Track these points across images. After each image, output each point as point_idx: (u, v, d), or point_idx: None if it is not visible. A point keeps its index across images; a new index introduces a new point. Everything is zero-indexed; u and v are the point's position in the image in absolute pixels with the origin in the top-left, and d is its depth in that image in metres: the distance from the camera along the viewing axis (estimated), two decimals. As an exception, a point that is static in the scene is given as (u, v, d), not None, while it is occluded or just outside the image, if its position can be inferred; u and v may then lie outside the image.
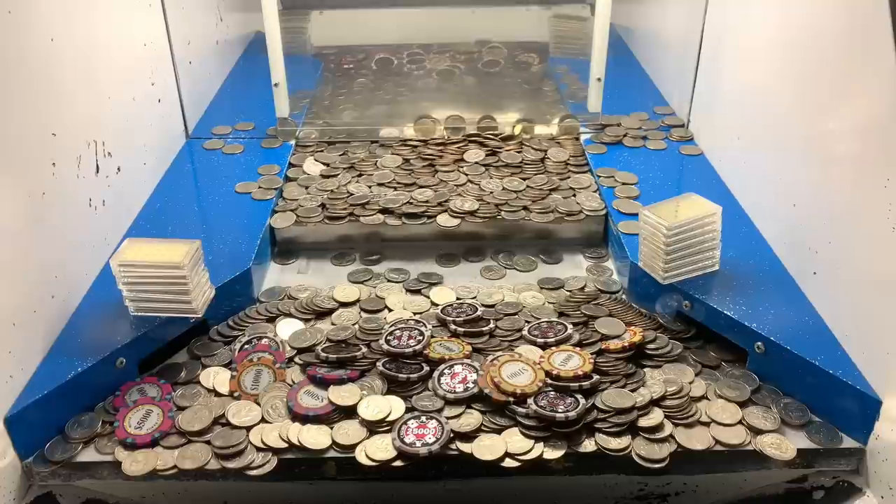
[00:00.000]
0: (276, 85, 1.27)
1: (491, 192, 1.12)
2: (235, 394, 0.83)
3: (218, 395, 0.83)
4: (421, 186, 1.14)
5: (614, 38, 1.41)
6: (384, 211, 1.09)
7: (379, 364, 0.84)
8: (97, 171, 0.97)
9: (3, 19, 0.78)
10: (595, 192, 1.13)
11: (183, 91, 1.28)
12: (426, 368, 0.83)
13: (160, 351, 0.88)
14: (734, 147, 1.13)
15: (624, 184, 1.13)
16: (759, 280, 0.91)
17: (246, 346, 0.89)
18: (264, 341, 0.89)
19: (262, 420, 0.79)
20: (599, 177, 1.16)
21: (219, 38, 1.53)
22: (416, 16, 1.68)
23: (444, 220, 1.07)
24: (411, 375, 0.82)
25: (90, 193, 0.95)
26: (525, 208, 1.09)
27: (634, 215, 1.03)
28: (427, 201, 1.10)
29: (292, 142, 1.29)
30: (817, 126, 0.89)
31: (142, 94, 1.14)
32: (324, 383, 0.82)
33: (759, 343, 0.83)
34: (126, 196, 1.05)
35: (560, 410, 0.77)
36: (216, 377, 0.85)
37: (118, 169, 1.02)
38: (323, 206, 1.10)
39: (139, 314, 0.86)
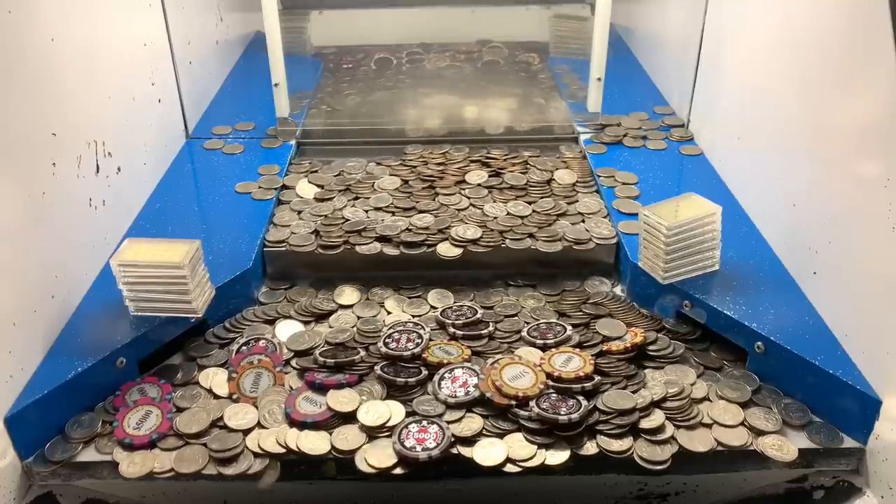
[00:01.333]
0: (276, 85, 1.27)
1: (495, 218, 1.05)
2: (234, 396, 0.83)
3: (216, 396, 0.83)
4: (420, 211, 1.07)
5: (614, 38, 1.41)
6: (381, 239, 1.02)
7: (377, 368, 0.83)
8: (97, 171, 0.97)
9: (3, 19, 0.78)
10: (605, 217, 1.06)
11: (183, 91, 1.28)
12: (425, 372, 0.83)
13: (160, 351, 0.88)
14: (734, 147, 1.13)
15: (624, 184, 1.13)
16: (759, 280, 0.91)
17: (243, 348, 0.88)
18: (262, 343, 0.89)
19: (259, 425, 0.78)
20: (600, 176, 1.15)
21: (219, 38, 1.53)
22: (416, 16, 1.68)
23: (445, 250, 1.00)
24: (409, 379, 0.82)
25: (90, 193, 0.95)
26: (531, 236, 1.02)
27: (634, 215, 1.03)
28: (427, 228, 1.03)
29: (292, 142, 1.29)
30: (817, 126, 0.89)
31: (142, 94, 1.14)
32: (322, 389, 0.82)
33: (759, 343, 0.83)
34: (126, 196, 1.05)
35: (563, 412, 0.76)
36: (214, 379, 0.85)
37: (118, 169, 1.02)
38: (316, 232, 1.03)
39: (139, 314, 0.86)
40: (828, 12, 0.87)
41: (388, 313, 0.95)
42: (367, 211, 1.08)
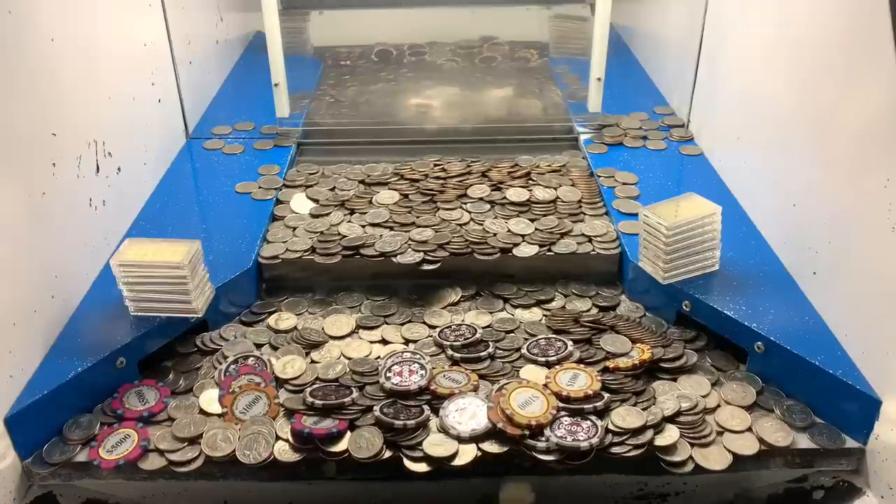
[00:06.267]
0: (276, 85, 1.27)
1: (495, 235, 1.01)
2: (223, 412, 0.80)
3: (203, 412, 0.80)
4: (420, 226, 1.03)
5: (614, 38, 1.41)
6: (381, 256, 0.98)
7: (376, 408, 0.77)
8: (97, 171, 0.97)
9: (3, 19, 0.78)
10: (613, 242, 1.00)
11: (183, 91, 1.28)
12: (426, 412, 0.78)
13: (160, 351, 0.88)
14: (734, 147, 1.13)
15: (624, 184, 1.13)
16: (759, 280, 0.91)
17: (231, 367, 0.85)
18: (250, 360, 0.86)
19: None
20: (600, 176, 1.15)
21: (219, 37, 1.53)
22: (416, 16, 1.68)
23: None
24: (408, 422, 0.76)
25: (90, 193, 0.95)
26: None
27: (634, 215, 1.03)
28: (425, 242, 0.99)
29: (292, 143, 1.29)
30: (817, 126, 0.89)
31: (142, 94, 1.14)
32: (310, 440, 0.75)
33: (759, 343, 0.83)
34: (126, 196, 1.05)
35: (582, 438, 0.73)
36: (203, 395, 0.82)
37: (118, 169, 1.02)
38: (312, 249, 0.99)
39: (139, 314, 0.86)
40: (828, 12, 0.87)
41: (386, 343, 0.90)
42: (363, 226, 1.04)
